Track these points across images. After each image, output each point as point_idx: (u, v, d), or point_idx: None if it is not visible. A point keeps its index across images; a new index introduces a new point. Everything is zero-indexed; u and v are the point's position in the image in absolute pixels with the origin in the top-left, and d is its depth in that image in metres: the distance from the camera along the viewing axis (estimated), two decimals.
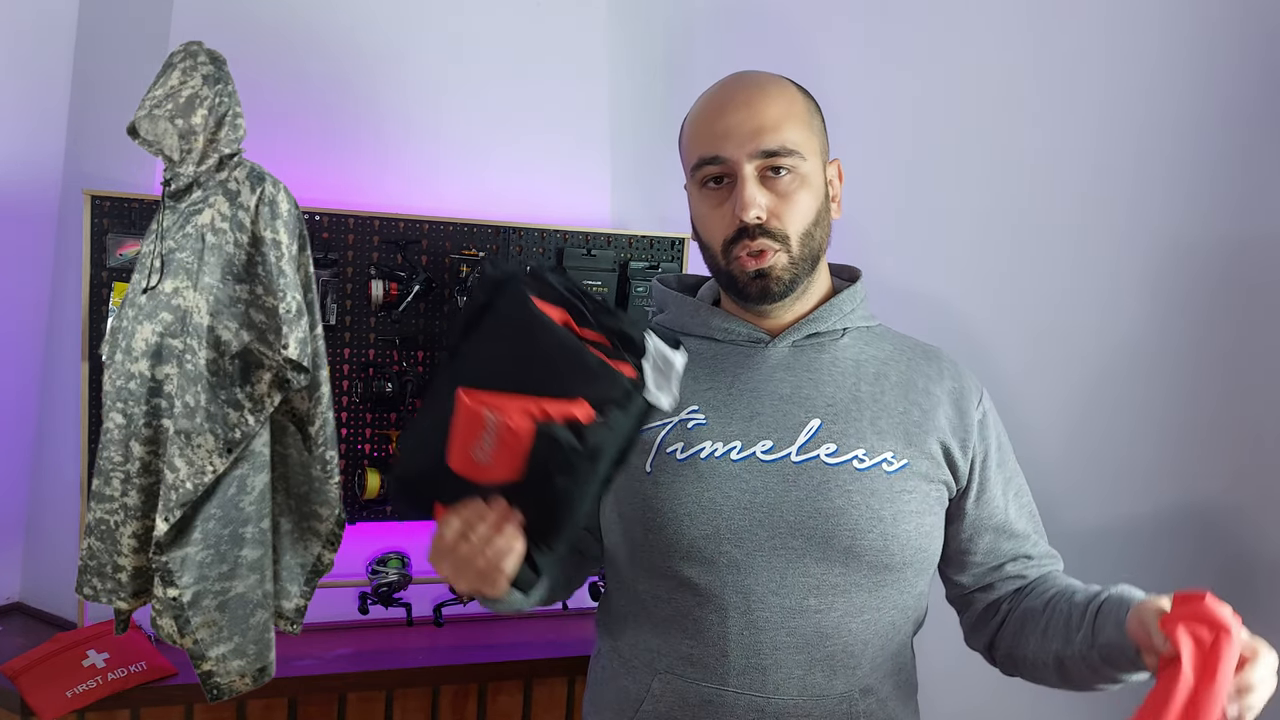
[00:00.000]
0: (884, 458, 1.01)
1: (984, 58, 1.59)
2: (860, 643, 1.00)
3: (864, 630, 1.00)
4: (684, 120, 1.07)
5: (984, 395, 1.09)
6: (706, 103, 1.04)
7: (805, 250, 1.01)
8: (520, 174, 1.93)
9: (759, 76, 1.03)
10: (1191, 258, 1.37)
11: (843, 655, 0.99)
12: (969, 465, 1.05)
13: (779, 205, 0.99)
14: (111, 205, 1.63)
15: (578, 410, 0.79)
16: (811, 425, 1.01)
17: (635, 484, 1.03)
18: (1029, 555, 1.09)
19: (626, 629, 1.08)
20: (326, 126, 1.80)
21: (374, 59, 1.82)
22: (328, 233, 1.75)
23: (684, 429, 1.03)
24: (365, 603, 1.83)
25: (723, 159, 0.99)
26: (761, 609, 0.98)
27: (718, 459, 1.01)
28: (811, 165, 1.00)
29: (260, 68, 1.73)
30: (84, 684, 1.50)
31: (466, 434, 0.78)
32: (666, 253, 1.95)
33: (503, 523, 0.83)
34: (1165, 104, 1.40)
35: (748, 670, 0.98)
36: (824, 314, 1.06)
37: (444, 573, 0.87)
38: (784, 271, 1.01)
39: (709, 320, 1.08)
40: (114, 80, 1.75)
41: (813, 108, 1.04)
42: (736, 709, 0.98)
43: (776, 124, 0.98)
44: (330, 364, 1.75)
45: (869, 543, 0.98)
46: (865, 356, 1.07)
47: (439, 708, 1.74)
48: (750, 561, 0.99)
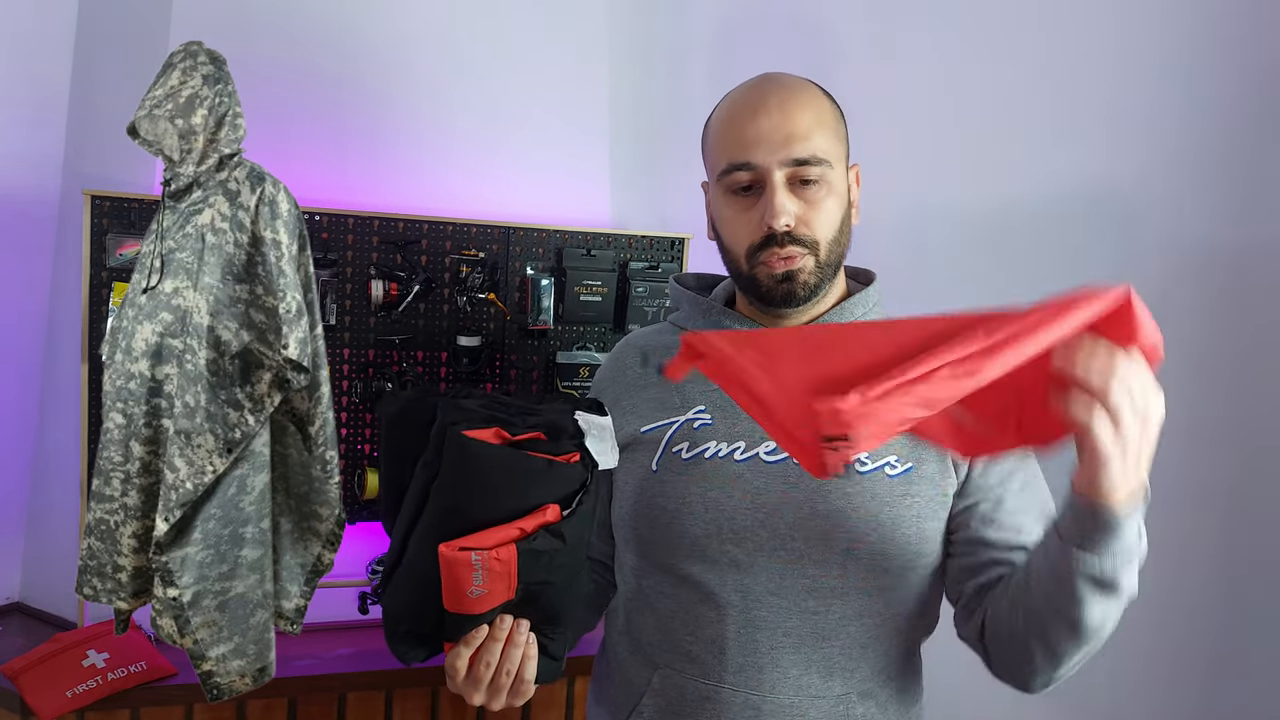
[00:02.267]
0: (887, 461, 1.00)
1: (984, 57, 1.59)
2: (859, 646, 1.00)
3: (863, 634, 1.00)
4: (709, 120, 1.05)
5: None
6: (736, 106, 1.02)
7: (831, 257, 1.01)
8: (520, 174, 1.93)
9: (790, 81, 1.01)
10: (1196, 260, 1.37)
11: (840, 657, 0.99)
12: (967, 469, 1.02)
13: (808, 213, 0.98)
14: (111, 205, 1.63)
15: (548, 515, 0.84)
16: None
17: (642, 482, 1.04)
18: (1023, 546, 1.00)
19: (631, 623, 1.09)
20: (327, 127, 1.80)
21: (374, 60, 1.82)
22: (328, 233, 1.75)
23: (690, 429, 1.04)
24: (365, 603, 1.83)
25: (753, 165, 0.98)
26: (759, 608, 0.99)
27: (721, 459, 1.01)
28: (838, 173, 1.00)
29: (259, 68, 1.73)
30: (84, 684, 1.50)
31: (458, 581, 0.82)
32: (666, 253, 1.95)
33: (513, 635, 0.86)
34: (1169, 106, 1.40)
35: (744, 669, 0.99)
36: (834, 317, 1.05)
37: (477, 700, 0.89)
38: (810, 276, 1.00)
39: (720, 320, 1.08)
40: (114, 80, 1.75)
41: (838, 114, 1.03)
42: (733, 707, 0.99)
43: (808, 131, 0.97)
44: (330, 364, 1.75)
45: (867, 546, 0.98)
46: None
47: (439, 708, 1.73)
48: (751, 561, 0.99)
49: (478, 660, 0.87)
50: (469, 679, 0.87)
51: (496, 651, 0.86)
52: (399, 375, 1.80)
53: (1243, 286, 1.34)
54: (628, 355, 1.17)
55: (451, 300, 1.83)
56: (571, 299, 1.88)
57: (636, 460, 1.06)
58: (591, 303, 1.89)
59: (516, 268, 1.87)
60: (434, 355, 1.84)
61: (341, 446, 1.79)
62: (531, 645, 0.88)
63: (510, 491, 0.84)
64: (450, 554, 0.81)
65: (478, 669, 0.87)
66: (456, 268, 1.82)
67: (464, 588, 0.82)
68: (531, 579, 0.84)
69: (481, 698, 0.89)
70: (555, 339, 1.91)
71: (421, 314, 1.82)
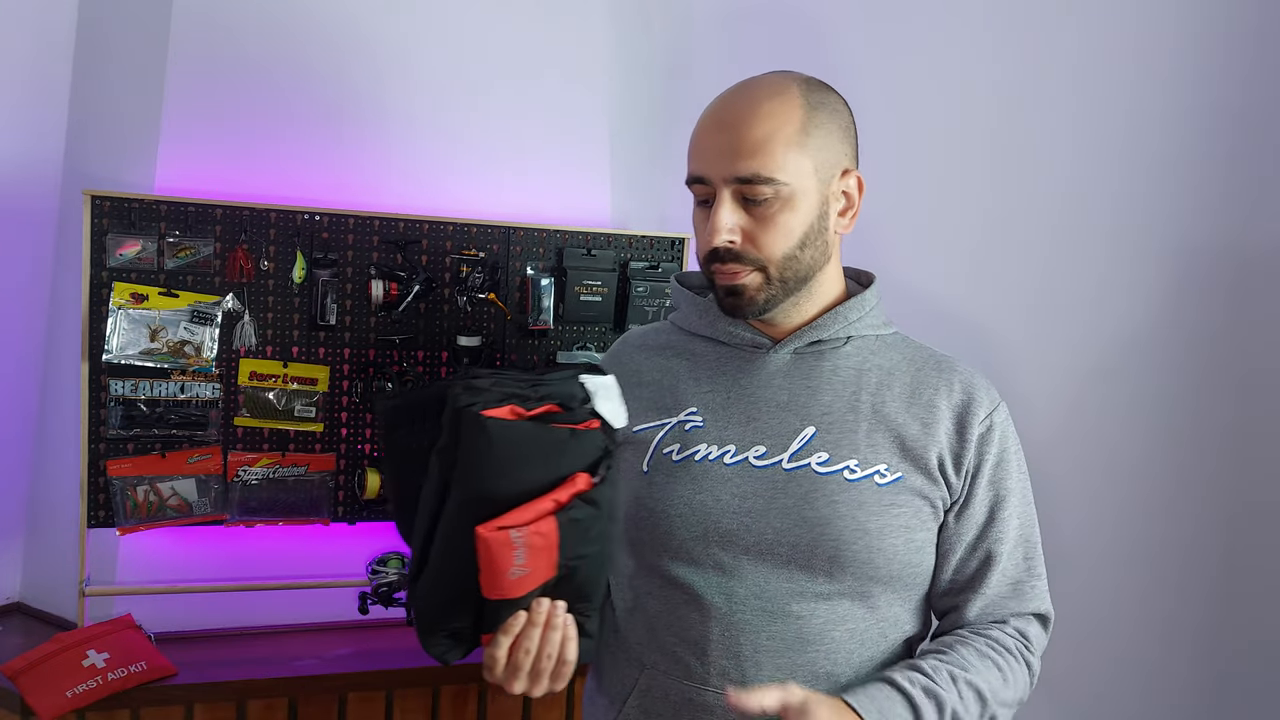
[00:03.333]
0: (877, 469, 0.99)
1: (984, 58, 1.59)
2: (844, 652, 0.99)
3: (848, 640, 0.99)
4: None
5: (995, 410, 1.04)
6: (704, 116, 1.01)
7: (786, 273, 0.99)
8: (520, 174, 1.93)
9: (756, 90, 0.98)
10: (1201, 260, 1.37)
11: (824, 663, 0.99)
12: (962, 481, 1.02)
13: (756, 229, 0.97)
14: (111, 205, 1.63)
15: (579, 483, 0.83)
16: (805, 433, 1.01)
17: (633, 482, 1.04)
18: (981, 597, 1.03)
19: (622, 622, 1.09)
20: (327, 127, 1.79)
21: (374, 59, 1.82)
22: (328, 233, 1.75)
23: (681, 430, 1.04)
24: (365, 603, 1.83)
25: (705, 179, 0.98)
26: (743, 612, 0.98)
27: (711, 462, 1.01)
28: (800, 187, 0.96)
29: (259, 68, 1.73)
30: (84, 684, 1.50)
31: (497, 563, 0.80)
32: (666, 253, 1.95)
33: (551, 618, 0.85)
34: (1169, 104, 1.40)
35: (727, 672, 0.99)
36: (826, 322, 1.04)
37: (518, 688, 0.87)
38: (757, 292, 0.99)
39: (715, 322, 1.08)
40: (114, 80, 1.75)
41: (820, 119, 0.98)
42: (716, 710, 0.99)
43: (755, 148, 0.94)
44: (330, 364, 1.75)
45: (853, 554, 0.97)
46: (869, 365, 1.05)
47: (439, 708, 1.73)
48: (736, 564, 0.99)
49: (517, 648, 0.85)
50: (509, 668, 0.86)
51: (536, 637, 0.85)
52: (399, 375, 1.80)
53: (1247, 286, 1.34)
54: (625, 353, 1.17)
55: (451, 300, 1.83)
56: (572, 299, 1.88)
57: (628, 460, 1.06)
58: (592, 303, 1.89)
59: (516, 268, 1.87)
60: (434, 355, 1.84)
61: (341, 446, 1.79)
62: (570, 626, 0.87)
63: (541, 466, 0.82)
64: (489, 535, 0.79)
65: (517, 656, 0.85)
66: (457, 268, 1.82)
67: (504, 569, 0.80)
68: (573, 552, 0.83)
69: (523, 685, 0.87)
70: (555, 339, 1.91)
71: (421, 314, 1.82)
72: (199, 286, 1.68)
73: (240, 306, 1.70)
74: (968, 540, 1.03)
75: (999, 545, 1.03)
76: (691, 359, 1.09)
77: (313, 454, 1.77)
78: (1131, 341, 1.43)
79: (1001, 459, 1.04)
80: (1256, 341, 1.32)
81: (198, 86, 1.70)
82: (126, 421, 1.65)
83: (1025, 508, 1.06)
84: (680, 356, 1.11)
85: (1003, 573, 1.03)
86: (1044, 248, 1.52)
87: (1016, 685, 1.00)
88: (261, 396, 1.72)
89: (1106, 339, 1.45)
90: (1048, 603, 1.06)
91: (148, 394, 1.66)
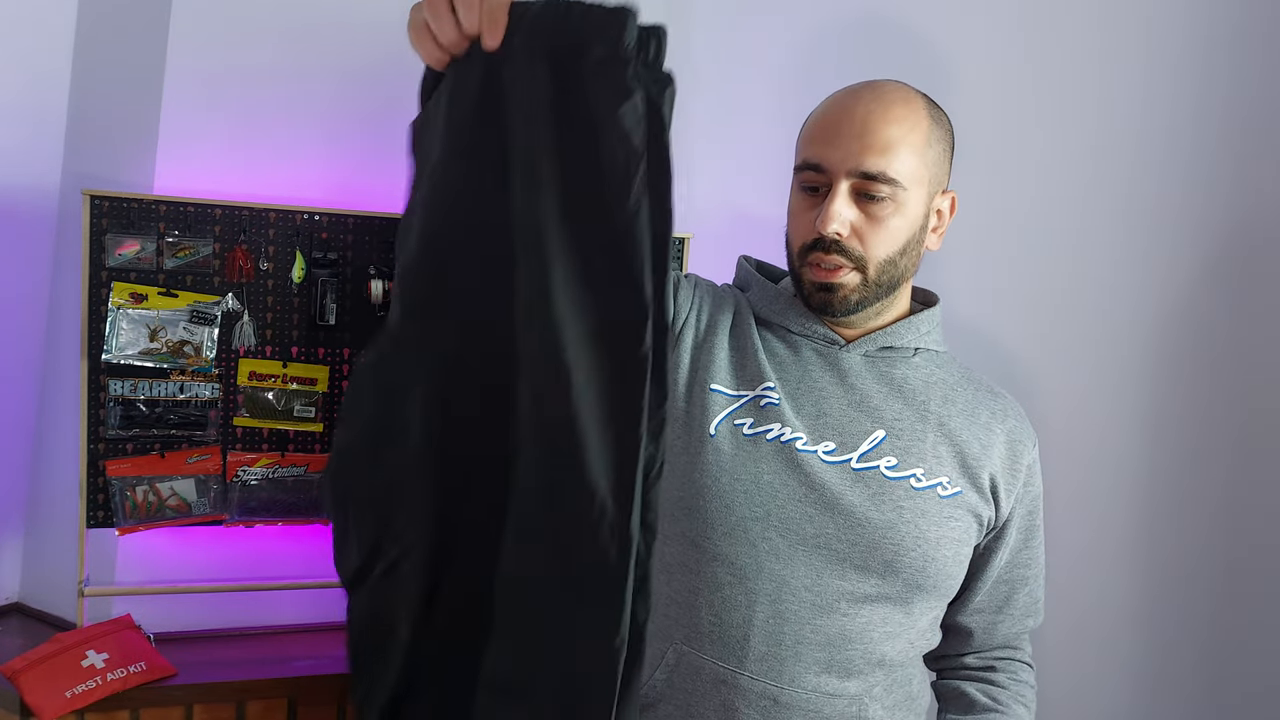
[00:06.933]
0: (939, 481, 1.00)
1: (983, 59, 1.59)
2: (879, 654, 1.00)
3: (885, 642, 1.00)
4: (810, 114, 1.05)
5: (1036, 446, 1.09)
6: (830, 105, 1.02)
7: (883, 276, 1.00)
8: None
9: (887, 93, 0.99)
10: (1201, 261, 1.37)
11: (860, 661, 0.99)
12: (1009, 506, 1.05)
13: (865, 226, 0.97)
14: (111, 205, 1.63)
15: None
16: (876, 436, 1.01)
17: (695, 444, 1.00)
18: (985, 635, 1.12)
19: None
20: (327, 127, 1.79)
21: (375, 60, 1.81)
22: (327, 233, 1.74)
23: (756, 406, 1.01)
24: None
25: (823, 168, 0.98)
26: (791, 601, 0.97)
27: (784, 444, 0.99)
28: (913, 195, 0.98)
29: (259, 68, 1.73)
30: (84, 684, 1.50)
31: None
32: None
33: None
34: (1170, 102, 1.39)
35: (767, 658, 0.98)
36: (900, 330, 1.05)
37: (441, 26, 0.76)
38: (853, 291, 1.00)
39: (788, 312, 1.07)
40: (114, 80, 1.75)
41: (937, 135, 1.01)
42: (750, 694, 0.97)
43: (885, 148, 0.96)
44: (330, 364, 1.75)
45: (909, 560, 0.98)
46: (936, 379, 1.06)
47: None
48: (792, 553, 0.98)
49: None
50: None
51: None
52: None
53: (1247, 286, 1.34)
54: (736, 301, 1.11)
55: None
56: None
57: (693, 417, 1.02)
58: None
59: None
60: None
61: None
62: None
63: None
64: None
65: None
66: None
67: None
68: None
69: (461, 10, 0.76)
70: None
71: None
72: (198, 286, 1.68)
73: (240, 306, 1.70)
74: (1001, 565, 1.08)
75: (1028, 570, 1.10)
76: (764, 338, 1.07)
77: (312, 454, 1.77)
78: (1132, 341, 1.43)
79: (1040, 492, 1.10)
80: (1259, 338, 1.32)
81: (197, 86, 1.70)
82: (125, 421, 1.65)
83: (1043, 534, 1.13)
84: (754, 330, 1.08)
85: (1029, 595, 1.10)
86: (1044, 248, 1.52)
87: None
88: (261, 396, 1.72)
89: (1107, 339, 1.45)
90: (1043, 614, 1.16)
91: (147, 394, 1.66)
